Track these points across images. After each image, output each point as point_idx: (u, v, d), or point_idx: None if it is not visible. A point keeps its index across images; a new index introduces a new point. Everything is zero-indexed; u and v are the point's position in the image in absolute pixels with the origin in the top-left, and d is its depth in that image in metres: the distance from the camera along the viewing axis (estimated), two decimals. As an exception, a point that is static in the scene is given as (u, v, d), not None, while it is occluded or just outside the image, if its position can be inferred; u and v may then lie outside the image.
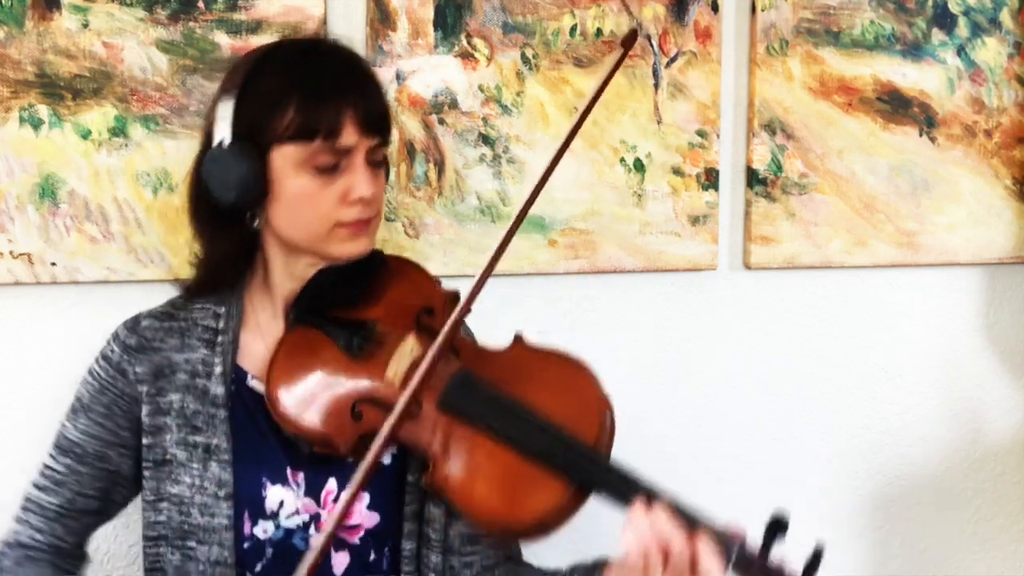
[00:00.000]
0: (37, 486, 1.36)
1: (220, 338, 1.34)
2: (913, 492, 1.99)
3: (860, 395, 1.96)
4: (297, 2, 1.61)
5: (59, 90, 1.55)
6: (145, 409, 1.32)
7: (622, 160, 1.77)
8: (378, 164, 1.32)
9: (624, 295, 1.82)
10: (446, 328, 1.23)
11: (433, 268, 1.69)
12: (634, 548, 1.15)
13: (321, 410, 1.28)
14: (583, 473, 1.20)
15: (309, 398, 1.29)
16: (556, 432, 1.22)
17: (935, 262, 1.93)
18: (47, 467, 1.36)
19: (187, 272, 1.59)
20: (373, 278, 1.36)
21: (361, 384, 1.28)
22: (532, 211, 1.72)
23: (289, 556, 1.30)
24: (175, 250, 1.60)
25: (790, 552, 1.21)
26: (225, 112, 1.28)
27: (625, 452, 1.25)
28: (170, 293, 1.51)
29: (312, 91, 1.26)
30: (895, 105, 1.88)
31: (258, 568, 1.31)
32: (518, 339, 1.35)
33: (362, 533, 1.33)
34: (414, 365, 1.27)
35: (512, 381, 1.27)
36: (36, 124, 1.55)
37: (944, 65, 1.89)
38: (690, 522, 1.17)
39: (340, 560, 1.33)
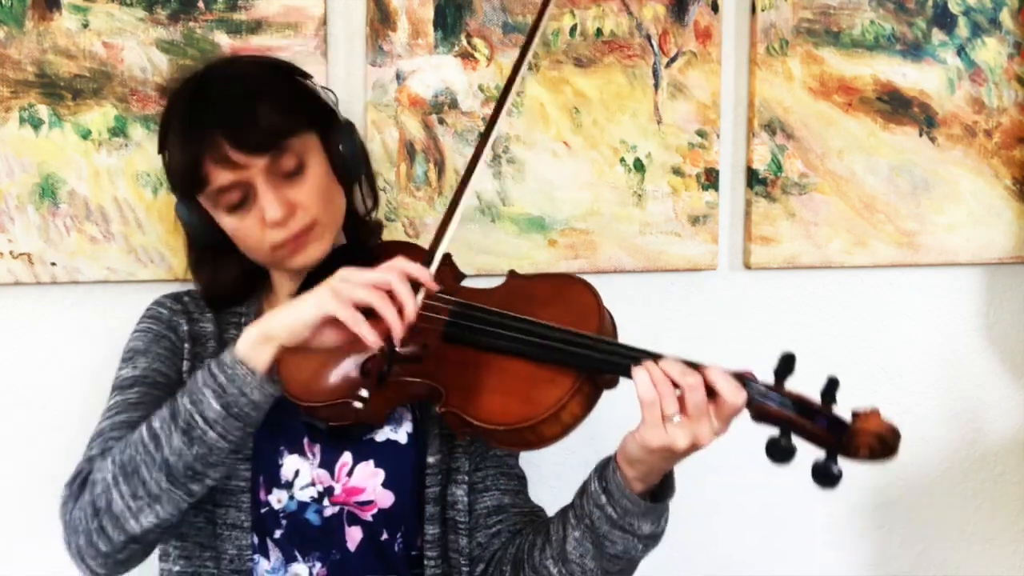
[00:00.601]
0: (107, 417, 1.30)
1: (244, 320, 1.41)
2: (913, 492, 1.99)
3: (860, 395, 1.95)
4: (297, 2, 1.61)
5: (59, 90, 1.55)
6: (185, 365, 1.37)
7: (622, 160, 1.77)
8: (291, 173, 1.32)
9: (624, 295, 1.82)
10: (439, 248, 1.28)
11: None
12: (647, 399, 1.15)
13: (330, 380, 1.29)
14: (591, 358, 1.21)
15: (318, 373, 1.30)
16: (559, 329, 1.23)
17: (935, 262, 1.93)
18: (116, 403, 1.32)
19: (188, 272, 1.59)
20: (368, 263, 1.35)
21: (363, 344, 1.25)
22: (532, 211, 1.74)
23: (302, 530, 1.32)
24: (175, 250, 1.60)
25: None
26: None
27: (625, 452, 1.25)
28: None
29: (178, 144, 1.31)
30: (895, 105, 1.88)
31: (277, 535, 1.32)
32: (511, 273, 1.39)
33: (375, 511, 1.34)
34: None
35: (510, 303, 1.30)
36: (36, 124, 1.55)
37: (944, 65, 1.89)
38: (699, 366, 1.19)
39: (354, 535, 1.34)
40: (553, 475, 1.62)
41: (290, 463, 1.33)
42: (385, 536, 1.34)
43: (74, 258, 1.58)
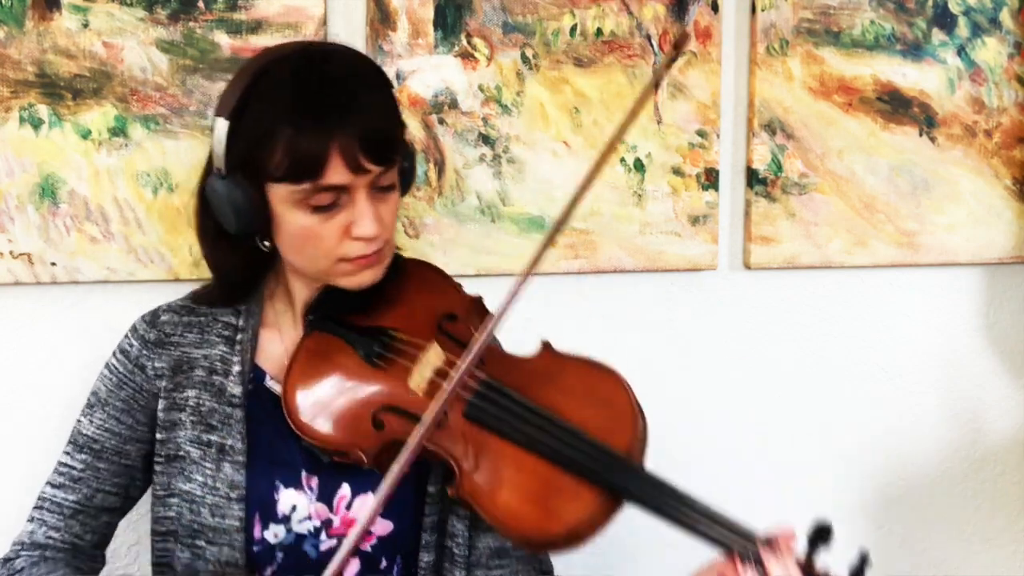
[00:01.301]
0: (53, 484, 1.33)
1: (239, 336, 1.33)
2: (913, 492, 1.99)
3: (860, 395, 1.96)
4: (297, 2, 1.61)
5: (59, 90, 1.55)
6: (162, 404, 1.31)
7: (622, 160, 1.77)
8: (386, 188, 1.26)
9: (624, 295, 1.82)
10: (480, 339, 1.19)
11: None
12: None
13: (341, 419, 1.25)
14: (616, 482, 1.17)
15: (328, 407, 1.26)
16: (588, 440, 1.18)
17: (935, 262, 1.93)
18: (63, 464, 1.34)
19: (187, 272, 1.60)
20: (391, 284, 1.32)
21: (382, 393, 1.26)
22: (532, 211, 1.74)
23: (300, 561, 1.29)
24: (175, 250, 1.60)
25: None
26: (221, 135, 1.24)
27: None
28: (170, 294, 1.51)
29: (297, 128, 1.19)
30: (895, 105, 1.87)
31: (268, 573, 1.29)
32: (546, 346, 1.32)
33: (374, 540, 1.31)
34: (439, 373, 1.25)
35: (541, 389, 1.24)
36: (36, 124, 1.55)
37: (944, 65, 1.89)
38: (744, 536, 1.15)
39: (351, 566, 1.30)
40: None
41: (287, 497, 1.29)
42: (384, 564, 1.31)
43: (74, 258, 1.58)
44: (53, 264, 1.57)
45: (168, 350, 1.33)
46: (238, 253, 1.32)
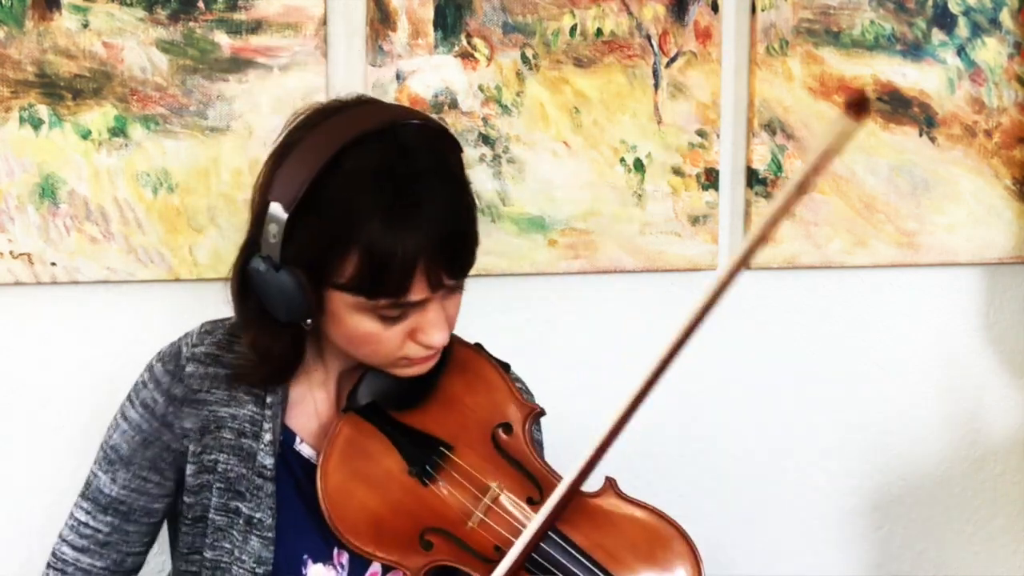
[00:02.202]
0: (75, 547, 1.22)
1: (270, 399, 1.21)
2: (913, 492, 1.99)
3: (860, 395, 1.96)
4: (297, 2, 1.61)
5: (59, 90, 1.55)
6: (190, 468, 1.20)
7: (622, 160, 1.77)
8: (455, 288, 1.15)
9: (624, 295, 1.82)
10: (550, 506, 1.10)
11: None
12: None
13: (387, 533, 1.17)
14: None
15: (371, 516, 1.17)
16: None
17: (935, 262, 1.93)
18: (85, 525, 1.22)
19: (187, 272, 1.60)
20: (439, 373, 1.21)
21: (433, 515, 1.17)
22: (532, 211, 1.74)
23: None
24: (175, 250, 1.60)
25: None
26: (277, 220, 1.08)
27: (624, 452, 1.25)
28: (170, 294, 1.51)
29: (381, 242, 1.05)
30: (895, 105, 1.87)
31: None
32: (611, 486, 1.21)
33: None
34: (493, 509, 1.17)
35: (603, 543, 1.15)
36: (36, 124, 1.55)
37: (944, 65, 1.89)
38: None
39: None
40: None
41: (314, 573, 1.21)
42: None
43: (74, 258, 1.58)
44: (53, 264, 1.57)
45: (195, 408, 1.20)
46: (283, 336, 1.18)
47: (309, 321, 1.14)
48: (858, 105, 0.87)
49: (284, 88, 1.61)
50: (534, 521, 1.11)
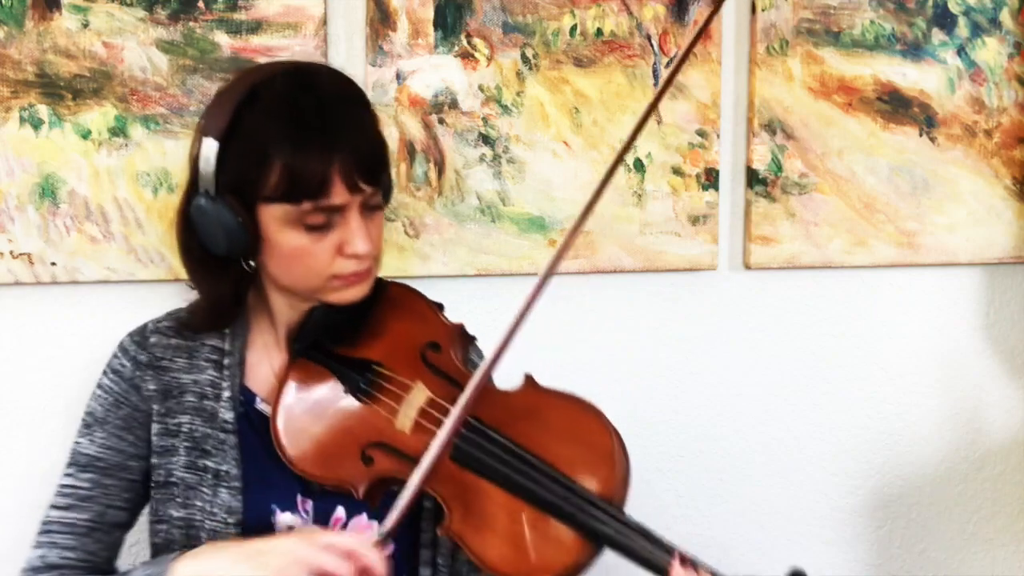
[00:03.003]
0: (59, 507, 1.31)
1: (227, 360, 1.32)
2: (913, 492, 1.99)
3: (860, 395, 1.96)
4: (297, 2, 1.61)
5: (59, 90, 1.55)
6: (155, 428, 1.31)
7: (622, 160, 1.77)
8: (375, 207, 1.28)
9: (624, 295, 1.82)
10: (470, 390, 1.21)
11: (433, 268, 1.70)
12: None
13: (330, 455, 1.26)
14: (598, 527, 1.18)
15: (317, 442, 1.27)
16: (570, 485, 1.20)
17: (935, 262, 1.93)
18: (67, 486, 1.31)
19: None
20: (373, 310, 1.33)
21: (370, 429, 1.26)
22: (532, 211, 1.74)
23: None
24: (175, 250, 1.59)
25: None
26: (209, 154, 1.23)
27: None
28: (170, 293, 1.51)
29: (296, 150, 1.20)
30: (895, 105, 1.88)
31: None
32: (529, 381, 1.32)
33: None
34: (423, 412, 1.26)
35: (525, 430, 1.25)
36: (36, 124, 1.55)
37: (944, 65, 1.89)
38: None
39: None
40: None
41: (283, 521, 1.29)
42: None
43: (74, 258, 1.58)
44: (53, 264, 1.57)
45: (159, 374, 1.32)
46: (225, 275, 1.30)
47: (252, 264, 1.28)
48: None
49: (284, 88, 1.61)
50: (453, 411, 1.21)
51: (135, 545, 1.62)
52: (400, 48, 1.67)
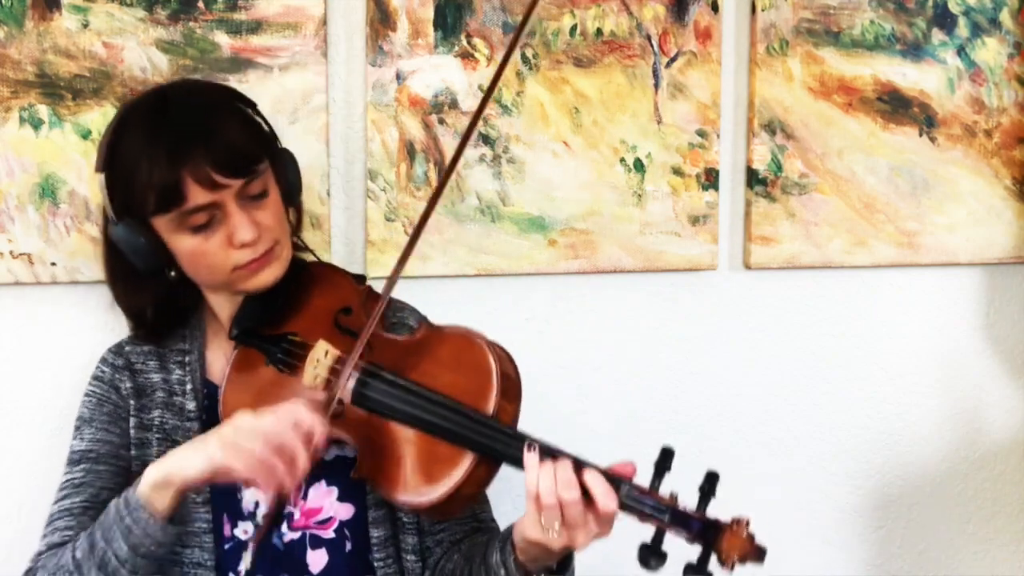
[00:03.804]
0: (57, 499, 1.38)
1: (188, 358, 1.43)
2: (913, 492, 1.99)
3: (860, 395, 1.96)
4: (297, 2, 1.61)
5: (59, 90, 1.55)
6: (132, 422, 1.40)
7: (622, 160, 1.77)
8: (257, 196, 1.34)
9: (624, 295, 1.82)
10: (362, 338, 1.30)
11: (433, 268, 1.70)
12: (530, 492, 1.19)
13: None
14: (485, 443, 1.24)
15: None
16: (455, 408, 1.26)
17: (935, 262, 1.93)
18: (64, 481, 1.39)
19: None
20: (295, 290, 1.41)
21: (288, 392, 1.33)
22: (532, 211, 1.74)
23: (268, 554, 1.37)
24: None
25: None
26: (102, 186, 1.34)
27: (624, 452, 1.25)
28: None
29: (149, 163, 1.28)
30: (895, 105, 1.88)
31: (241, 567, 1.36)
32: (422, 322, 1.43)
33: (336, 525, 1.38)
34: (333, 369, 1.32)
35: (416, 366, 1.32)
36: (36, 124, 1.55)
37: (944, 65, 1.89)
38: (577, 464, 1.19)
39: (317, 559, 1.38)
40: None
41: (249, 495, 1.37)
42: (350, 547, 1.38)
43: (74, 258, 1.58)
44: (53, 264, 1.57)
45: (134, 375, 1.42)
46: (149, 289, 1.41)
47: (173, 274, 1.37)
48: None
49: (284, 88, 1.62)
50: (349, 358, 1.30)
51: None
52: (400, 48, 1.67)
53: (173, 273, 1.37)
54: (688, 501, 1.19)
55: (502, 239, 1.73)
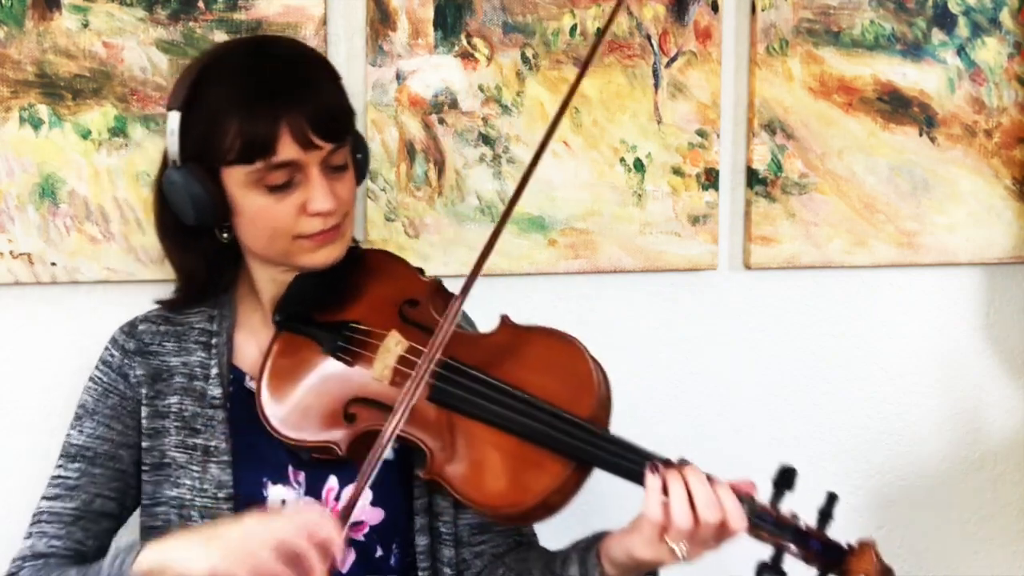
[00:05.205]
0: (48, 497, 1.33)
1: (215, 340, 1.35)
2: (913, 492, 1.99)
3: (860, 395, 1.96)
4: (297, 2, 1.61)
5: (59, 90, 1.55)
6: (145, 412, 1.33)
7: (622, 160, 1.77)
8: (338, 168, 1.30)
9: (624, 295, 1.82)
10: (444, 326, 1.22)
11: (433, 268, 1.69)
12: (654, 519, 1.13)
13: (314, 419, 1.28)
14: (582, 449, 1.19)
15: (300, 408, 1.28)
16: (550, 411, 1.20)
17: (935, 262, 1.93)
18: (57, 477, 1.34)
19: (187, 272, 1.60)
20: (352, 276, 1.35)
21: (350, 385, 1.28)
22: (532, 211, 1.74)
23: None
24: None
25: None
26: (173, 126, 1.27)
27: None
28: (169, 293, 1.51)
29: (247, 110, 1.23)
30: (895, 105, 1.88)
31: None
32: (504, 321, 1.33)
33: (367, 530, 1.32)
34: (402, 360, 1.27)
35: (501, 365, 1.25)
36: (36, 124, 1.55)
37: (944, 65, 1.89)
38: (711, 481, 1.16)
39: (347, 558, 1.31)
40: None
41: (275, 493, 1.31)
42: (379, 552, 1.33)
43: (74, 258, 1.58)
44: (53, 264, 1.57)
45: (147, 359, 1.35)
46: (199, 248, 1.34)
47: (226, 236, 1.30)
48: None
49: (284, 88, 1.62)
50: (427, 352, 1.21)
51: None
52: (400, 48, 1.67)
53: (225, 235, 1.31)
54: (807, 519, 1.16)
55: (502, 239, 1.72)
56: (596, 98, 1.75)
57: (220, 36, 1.59)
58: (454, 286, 1.36)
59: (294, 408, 1.28)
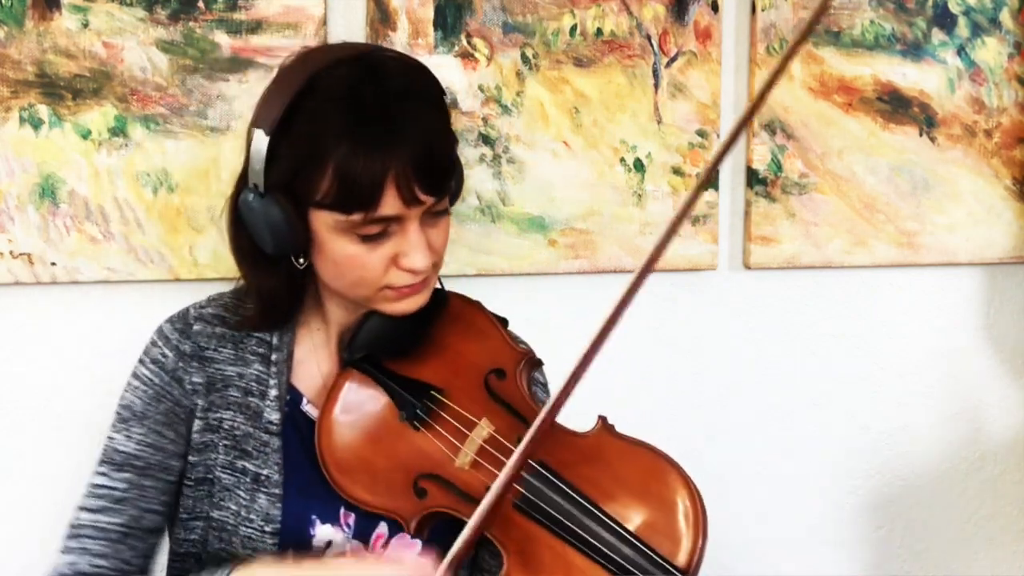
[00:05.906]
0: (91, 509, 1.20)
1: (275, 356, 1.23)
2: (913, 492, 1.99)
3: (860, 395, 1.96)
4: (297, 2, 1.61)
5: (59, 90, 1.55)
6: (197, 424, 1.21)
7: (622, 160, 1.77)
8: (438, 214, 1.17)
9: (624, 295, 1.82)
10: (533, 430, 1.08)
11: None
12: None
13: (381, 482, 1.18)
14: None
15: (367, 466, 1.19)
16: (646, 552, 1.10)
17: (935, 262, 1.93)
18: (100, 486, 1.20)
19: (187, 272, 1.60)
20: (434, 324, 1.24)
21: (426, 462, 1.17)
22: (532, 211, 1.74)
23: None
24: (175, 250, 1.60)
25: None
26: (260, 147, 1.13)
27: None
28: (170, 294, 1.51)
29: (350, 154, 1.09)
30: (895, 105, 1.88)
31: None
32: (604, 424, 1.20)
33: None
34: (486, 445, 1.17)
35: (593, 478, 1.14)
36: (36, 124, 1.55)
37: (944, 65, 1.89)
38: None
39: None
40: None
41: (322, 533, 1.21)
42: None
43: (74, 258, 1.58)
44: (53, 264, 1.57)
45: (203, 365, 1.22)
46: (277, 273, 1.21)
47: (302, 261, 1.18)
48: None
49: (284, 88, 1.61)
50: (515, 453, 1.09)
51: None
52: (400, 48, 1.67)
53: (302, 261, 1.18)
54: None
55: (502, 239, 1.73)
56: (596, 98, 1.75)
57: (220, 36, 1.59)
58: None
59: (361, 466, 1.18)
